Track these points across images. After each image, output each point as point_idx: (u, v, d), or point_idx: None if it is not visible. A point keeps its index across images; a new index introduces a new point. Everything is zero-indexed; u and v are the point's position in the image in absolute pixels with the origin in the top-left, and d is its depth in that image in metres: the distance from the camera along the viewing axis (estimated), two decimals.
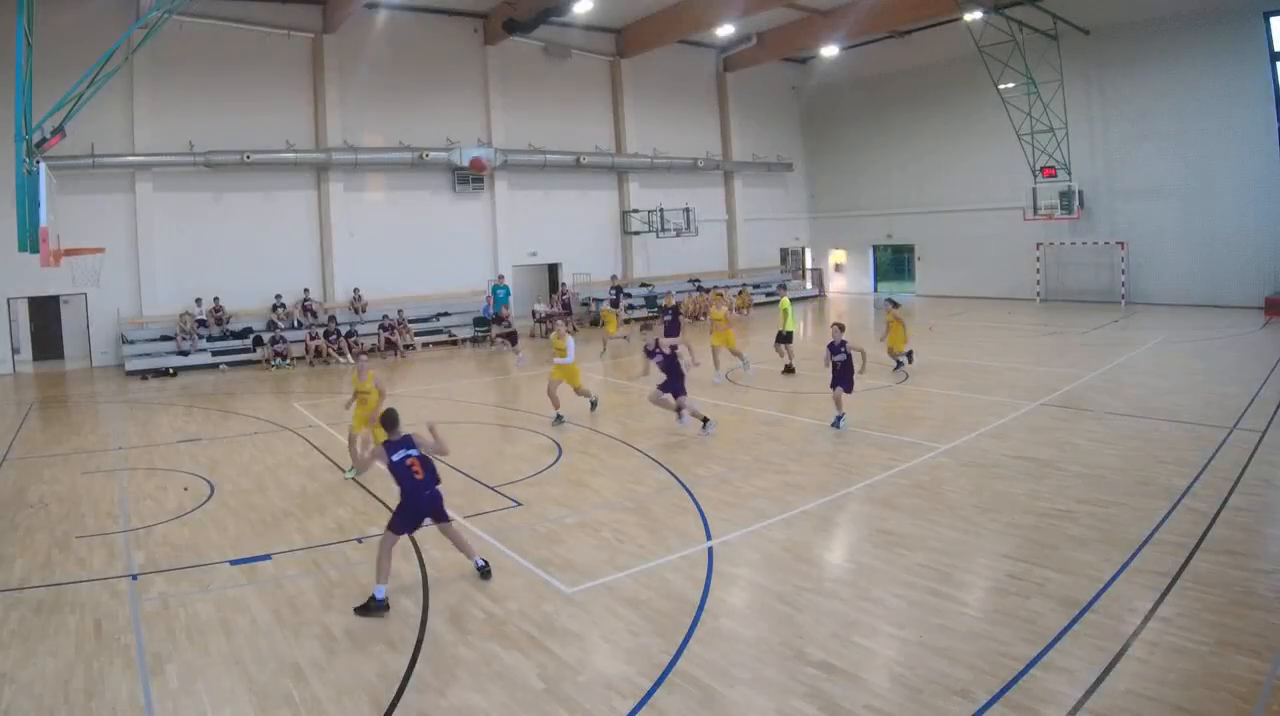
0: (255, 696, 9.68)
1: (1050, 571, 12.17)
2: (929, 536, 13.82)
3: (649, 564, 13.17)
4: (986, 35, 45.20)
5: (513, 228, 49.77)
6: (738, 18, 47.30)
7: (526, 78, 50.33)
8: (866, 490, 16.66)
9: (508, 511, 16.19)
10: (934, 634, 10.48)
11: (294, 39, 42.66)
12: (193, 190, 40.71)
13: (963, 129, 55.01)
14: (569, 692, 9.58)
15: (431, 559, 13.69)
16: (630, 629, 11.10)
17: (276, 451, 22.04)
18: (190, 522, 15.51)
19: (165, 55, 37.99)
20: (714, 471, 18.40)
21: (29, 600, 12.55)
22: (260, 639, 11.13)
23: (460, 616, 11.67)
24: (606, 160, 53.19)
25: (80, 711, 9.43)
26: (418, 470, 12.41)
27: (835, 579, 12.60)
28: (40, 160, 20.27)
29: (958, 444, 19.67)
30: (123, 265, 38.24)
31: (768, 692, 9.37)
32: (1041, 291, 51.27)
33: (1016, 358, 32.08)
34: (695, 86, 59.14)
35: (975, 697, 9.00)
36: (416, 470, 12.40)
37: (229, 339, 39.89)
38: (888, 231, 61.34)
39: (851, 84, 61.39)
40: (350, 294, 43.50)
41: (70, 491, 18.64)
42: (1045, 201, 48.78)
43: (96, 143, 36.84)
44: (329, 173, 43.58)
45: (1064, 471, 17.20)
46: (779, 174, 63.96)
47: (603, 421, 23.84)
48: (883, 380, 28.10)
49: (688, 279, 56.15)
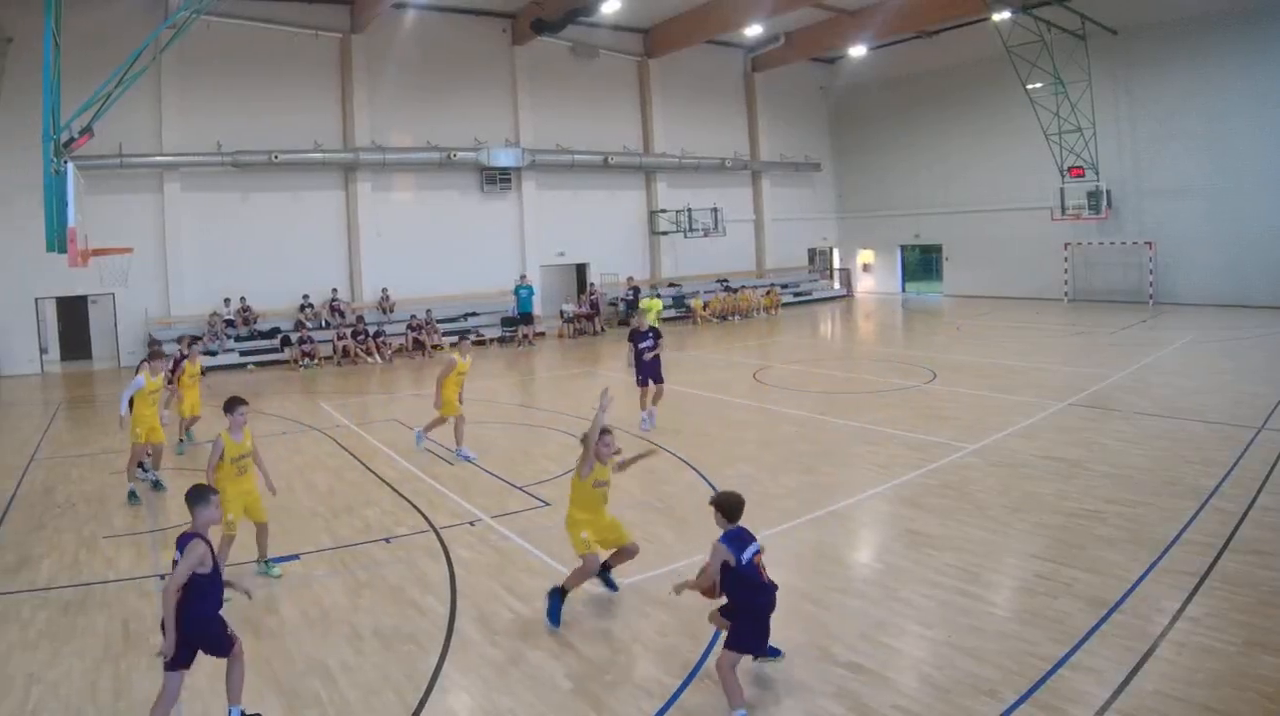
0: (283, 696, 9.70)
1: (1078, 571, 12.12)
2: (957, 536, 13.79)
3: (677, 564, 13.11)
4: (1014, 35, 45.17)
5: (541, 228, 49.78)
6: (766, 18, 47.19)
7: (554, 78, 50.35)
8: (895, 490, 16.63)
9: (535, 511, 16.20)
10: (962, 634, 10.45)
11: (322, 39, 42.79)
12: (220, 190, 40.91)
13: (990, 129, 54.78)
14: (597, 692, 9.57)
15: (460, 559, 13.72)
16: (658, 629, 11.12)
17: (304, 451, 22.11)
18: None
19: (193, 55, 38.04)
20: (742, 471, 18.35)
21: (56, 600, 12.59)
22: (288, 639, 11.15)
23: (488, 616, 11.66)
24: (634, 160, 53.12)
25: (108, 711, 9.47)
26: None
27: (863, 579, 12.60)
28: (68, 160, 20.30)
29: (986, 444, 19.61)
30: (150, 265, 38.38)
31: (795, 692, 9.37)
32: (1069, 291, 51.11)
33: (1044, 358, 31.91)
34: (723, 86, 59.00)
35: (1003, 697, 8.96)
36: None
37: (257, 339, 40.04)
38: (915, 231, 61.11)
39: (880, 84, 61.15)
40: (378, 294, 43.61)
41: (98, 491, 18.68)
42: (1073, 201, 48.62)
43: (124, 142, 36.97)
44: (357, 173, 43.69)
45: (1092, 471, 17.13)
46: (807, 174, 63.75)
47: (631, 421, 23.60)
48: (911, 380, 28.10)
49: (715, 279, 56.08)
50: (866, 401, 25.51)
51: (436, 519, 15.84)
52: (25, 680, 10.14)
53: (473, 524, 15.56)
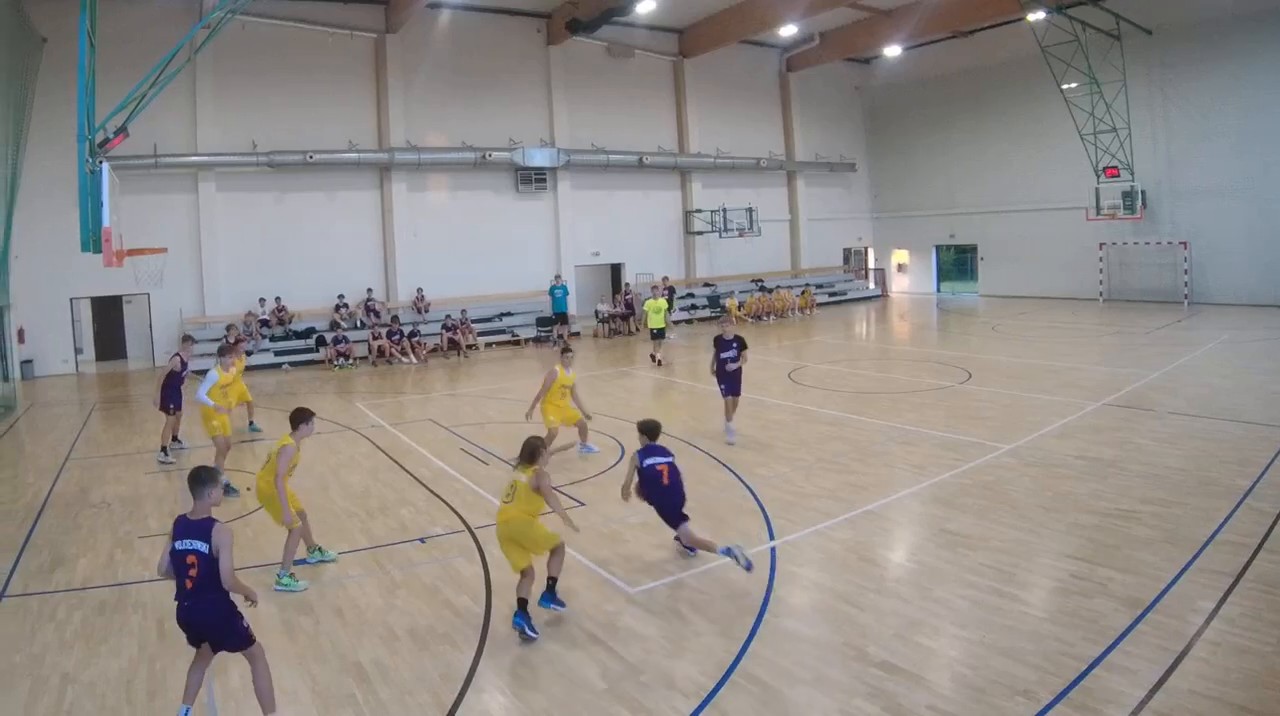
0: (318, 696, 9.75)
1: (1113, 571, 12.09)
2: (992, 536, 13.76)
3: (712, 564, 13.10)
4: (1049, 35, 44.99)
5: (576, 228, 49.89)
6: (801, 18, 47.19)
7: (589, 77, 50.43)
8: (930, 490, 16.61)
9: (571, 511, 15.70)
10: (997, 634, 10.43)
11: (357, 39, 42.92)
12: (255, 190, 41.15)
13: (1025, 129, 54.61)
14: (631, 692, 9.58)
15: (494, 559, 13.58)
16: (693, 628, 11.10)
17: (339, 451, 22.15)
18: (253, 522, 15.60)
19: (228, 55, 38.37)
20: (777, 471, 18.38)
21: (92, 600, 12.67)
22: (323, 638, 11.20)
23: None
24: (669, 160, 53.12)
25: (143, 711, 9.54)
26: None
27: (898, 579, 12.55)
28: (103, 160, 20.33)
29: (1021, 444, 19.58)
30: (185, 265, 38.66)
31: (830, 692, 9.35)
32: (1104, 291, 50.82)
33: (1079, 358, 31.78)
34: (758, 86, 58.93)
35: (1038, 697, 8.95)
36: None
37: (292, 339, 40.16)
38: (950, 231, 60.97)
39: (915, 84, 61.09)
40: (413, 294, 43.72)
41: (133, 491, 18.79)
42: (1108, 201, 48.39)
43: (159, 142, 37.23)
44: (392, 173, 43.81)
45: (1127, 471, 17.08)
46: (842, 174, 63.63)
47: (666, 422, 23.69)
48: (946, 380, 28.06)
49: (750, 279, 56.12)
50: (902, 401, 25.48)
51: (471, 518, 15.88)
52: (61, 680, 10.22)
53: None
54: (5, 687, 10.06)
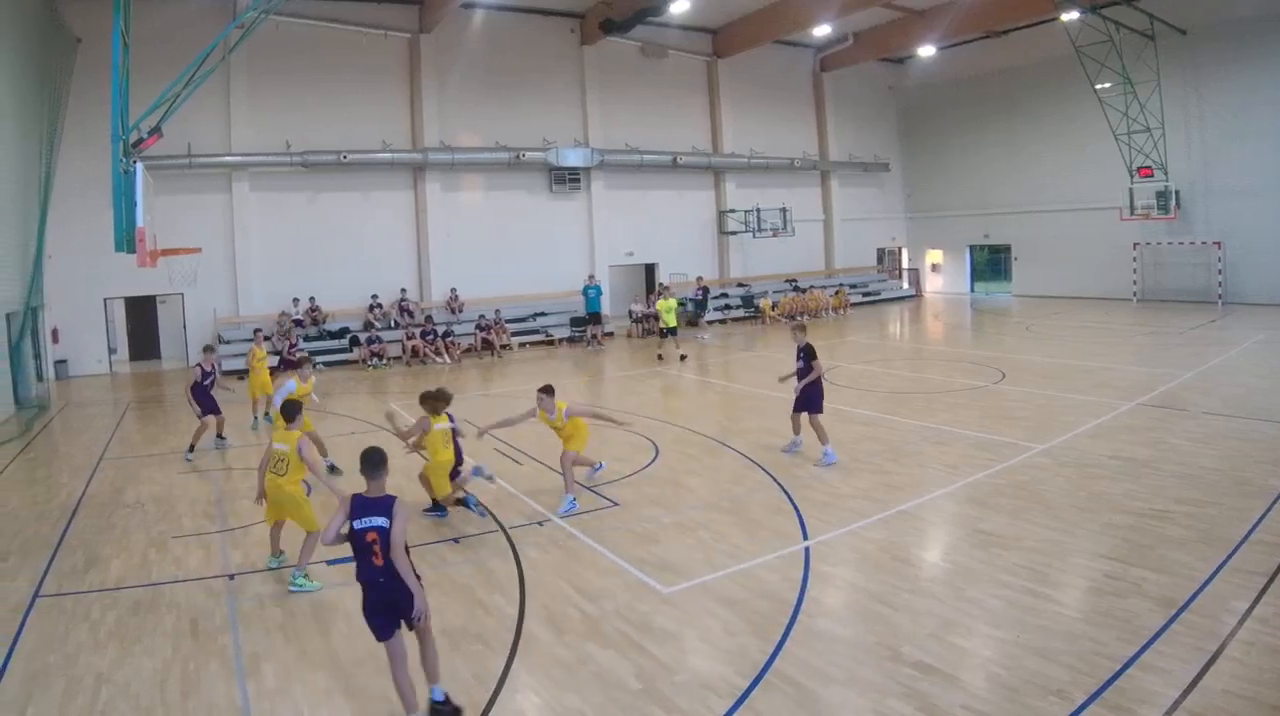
0: (352, 697, 9.79)
1: (1147, 571, 12.04)
2: (1026, 536, 13.71)
3: (745, 564, 13.15)
4: (1083, 35, 44.81)
5: (609, 228, 49.90)
6: (835, 18, 47.08)
7: (623, 77, 50.45)
8: (964, 490, 16.57)
9: (604, 511, 16.23)
10: (1031, 634, 10.39)
11: (390, 39, 43.05)
12: (289, 190, 41.34)
13: (1059, 129, 54.43)
14: (666, 692, 9.58)
15: (528, 559, 13.77)
16: (727, 628, 11.08)
17: None
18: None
19: (262, 55, 38.53)
20: (811, 471, 18.34)
21: (126, 600, 12.71)
22: (357, 639, 11.09)
23: (556, 616, 11.69)
24: (703, 160, 53.10)
25: (177, 711, 9.54)
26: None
27: (932, 579, 12.54)
28: (137, 160, 20.35)
29: (1055, 444, 19.50)
30: (219, 265, 38.83)
31: (864, 693, 9.33)
32: (1138, 291, 50.55)
33: (1113, 358, 31.63)
34: (792, 86, 58.84)
35: (1072, 697, 8.92)
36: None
37: (326, 339, 40.28)
38: (985, 231, 60.75)
39: (948, 84, 60.92)
40: (447, 294, 43.83)
41: (167, 491, 18.86)
42: (1142, 201, 48.17)
43: (193, 142, 37.42)
44: (425, 173, 43.94)
45: (1161, 471, 17.01)
46: (876, 174, 63.54)
47: (700, 421, 23.87)
48: (980, 380, 28.00)
49: (784, 279, 56.15)
50: (935, 401, 25.41)
51: (505, 519, 15.89)
52: (95, 680, 10.25)
53: (541, 524, 15.61)
54: (40, 687, 10.12)
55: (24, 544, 15.31)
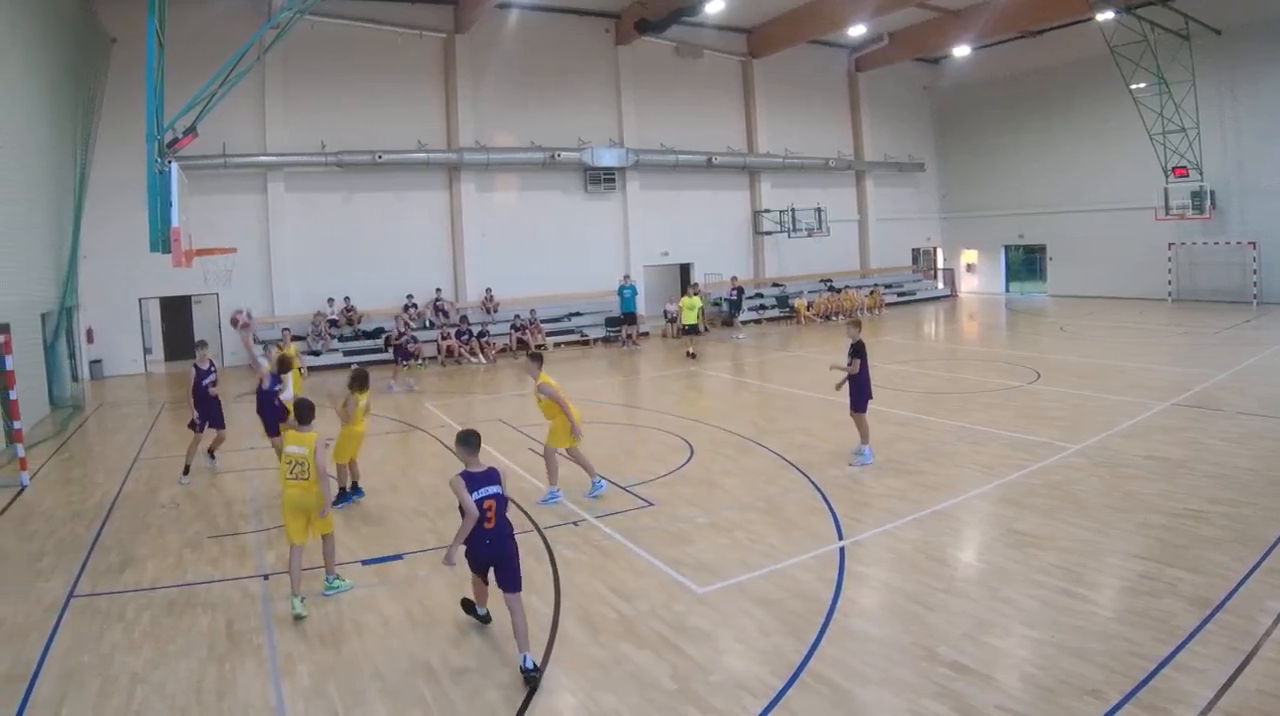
0: (387, 697, 9.78)
1: (1181, 571, 11.99)
2: (1060, 536, 13.67)
3: (781, 563, 13.13)
4: (1118, 35, 44.72)
5: (644, 228, 49.90)
6: (869, 18, 47.02)
7: (658, 78, 50.41)
8: (998, 490, 16.52)
9: (640, 511, 16.24)
10: (1065, 634, 10.36)
11: (426, 39, 43.23)
12: (324, 190, 41.50)
13: (1094, 129, 54.25)
14: (701, 692, 9.56)
15: (563, 559, 13.79)
16: (762, 628, 11.07)
17: (409, 451, 22.43)
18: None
19: (297, 55, 38.74)
20: (846, 471, 18.32)
21: (161, 600, 12.75)
22: (392, 639, 11.24)
23: (592, 617, 11.69)
24: (738, 160, 53.09)
25: (212, 712, 9.57)
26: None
27: (967, 579, 12.51)
28: (172, 160, 20.37)
29: (1089, 444, 19.44)
30: (254, 265, 39.07)
31: (900, 693, 9.31)
32: (1173, 292, 50.35)
33: (1148, 358, 31.51)
34: (827, 86, 58.74)
35: (1107, 697, 8.88)
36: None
37: (360, 339, 40.44)
38: (1019, 231, 60.57)
39: (983, 84, 60.79)
40: (482, 294, 43.91)
41: (202, 491, 18.93)
42: (1177, 201, 48.01)
43: (228, 142, 37.57)
44: (460, 173, 44.04)
45: (1196, 471, 16.94)
46: (911, 174, 63.39)
47: (735, 421, 23.84)
48: (1015, 380, 27.93)
49: (819, 279, 56.10)
50: (970, 401, 25.36)
51: (540, 519, 15.89)
52: (130, 680, 10.29)
53: (576, 524, 15.62)
54: (75, 687, 10.16)
55: (59, 544, 15.39)
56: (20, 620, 12.13)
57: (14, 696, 9.94)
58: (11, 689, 10.13)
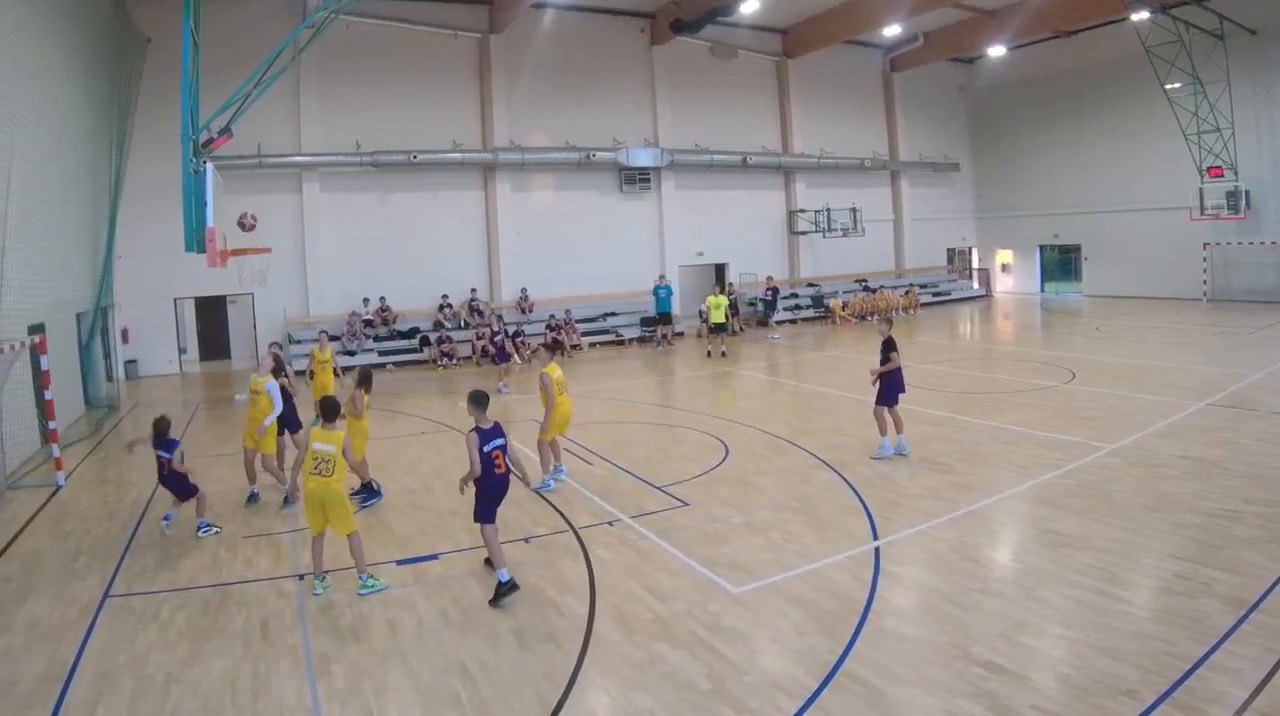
0: (422, 696, 9.81)
1: (1217, 571, 11.95)
2: (1095, 536, 13.62)
3: (815, 563, 13.13)
4: (1153, 35, 44.59)
5: (679, 228, 49.83)
6: (904, 18, 46.95)
7: (693, 78, 50.31)
8: (1033, 490, 16.48)
9: (675, 511, 16.25)
10: (1100, 634, 10.33)
11: (460, 38, 43.30)
12: (359, 190, 41.57)
13: (1129, 128, 53.98)
14: (736, 692, 9.56)
15: (599, 559, 13.81)
16: (797, 628, 11.06)
17: (443, 451, 22.35)
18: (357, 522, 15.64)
19: (332, 55, 38.81)
20: (880, 470, 18.34)
21: (196, 600, 12.80)
22: (427, 638, 11.27)
23: (627, 616, 11.70)
24: (773, 160, 53.01)
25: (247, 711, 9.61)
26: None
27: (1002, 579, 12.48)
28: (207, 160, 20.41)
29: (1124, 444, 19.37)
30: (289, 265, 39.21)
31: (934, 692, 9.30)
32: (1208, 291, 50.03)
33: (1183, 358, 31.33)
34: (861, 86, 58.55)
35: (1142, 697, 8.86)
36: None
37: (396, 339, 40.52)
38: (1054, 231, 60.27)
39: (1018, 84, 60.54)
40: (517, 293, 43.91)
41: (237, 491, 18.84)
42: (1212, 201, 47.70)
43: (263, 142, 37.73)
44: (495, 173, 44.07)
45: (1231, 471, 16.87)
46: (945, 174, 63.17)
47: (770, 421, 23.82)
48: (1049, 380, 27.84)
49: (854, 279, 56.03)
50: (1005, 401, 25.28)
51: (575, 519, 15.94)
52: (164, 679, 10.34)
53: (611, 524, 15.64)
54: (110, 687, 10.21)
55: (94, 543, 15.45)
56: (56, 620, 12.21)
57: (50, 696, 10.01)
58: (47, 689, 10.19)
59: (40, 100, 25.20)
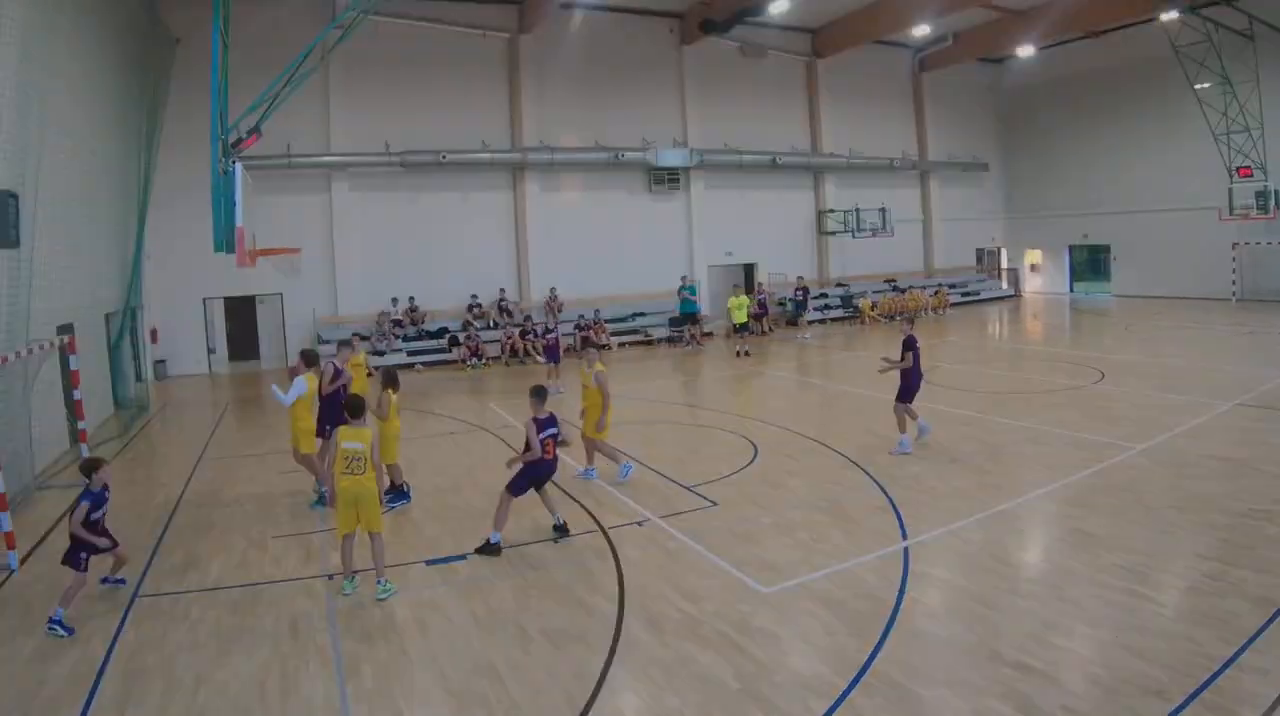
0: (451, 696, 9.81)
1: (1247, 571, 11.88)
2: (1125, 536, 13.56)
3: (845, 563, 13.10)
4: (1182, 35, 44.33)
5: (709, 228, 49.74)
6: (934, 18, 46.98)
7: (722, 77, 50.23)
8: (1062, 490, 16.44)
9: (704, 511, 16.24)
10: (1130, 634, 10.27)
11: (489, 39, 43.34)
12: (388, 190, 41.64)
13: (1158, 129, 53.72)
14: (765, 693, 9.53)
15: (628, 559, 13.81)
16: (826, 629, 11.04)
17: (472, 452, 22.38)
18: (386, 522, 15.34)
19: (361, 55, 38.49)
20: (909, 471, 18.25)
21: (224, 600, 12.85)
22: (456, 639, 11.27)
23: (656, 617, 11.68)
24: (802, 160, 52.89)
25: (276, 711, 9.64)
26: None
27: (1031, 579, 12.48)
28: (236, 160, 20.48)
29: (1154, 444, 19.28)
30: (318, 265, 39.34)
31: (963, 693, 9.25)
32: (1237, 292, 49.81)
33: (1213, 358, 31.19)
34: (891, 86, 58.42)
35: (1171, 697, 8.80)
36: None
37: (425, 339, 40.56)
38: (1084, 231, 59.98)
39: (1047, 84, 60.27)
40: (546, 293, 43.70)
41: (266, 492, 19.02)
42: (1241, 201, 47.34)
43: (292, 143, 37.85)
44: (525, 173, 44.06)
45: (1261, 471, 16.77)
46: (975, 174, 62.94)
47: (799, 421, 23.79)
48: (1079, 380, 27.77)
49: (884, 279, 55.94)
50: (1034, 401, 25.24)
51: (605, 519, 15.93)
52: (193, 680, 10.37)
53: (641, 524, 15.63)
54: (139, 687, 10.25)
55: (123, 543, 15.53)
56: (84, 620, 12.24)
57: (79, 696, 10.05)
58: (76, 689, 10.22)
59: (70, 101, 25.26)
